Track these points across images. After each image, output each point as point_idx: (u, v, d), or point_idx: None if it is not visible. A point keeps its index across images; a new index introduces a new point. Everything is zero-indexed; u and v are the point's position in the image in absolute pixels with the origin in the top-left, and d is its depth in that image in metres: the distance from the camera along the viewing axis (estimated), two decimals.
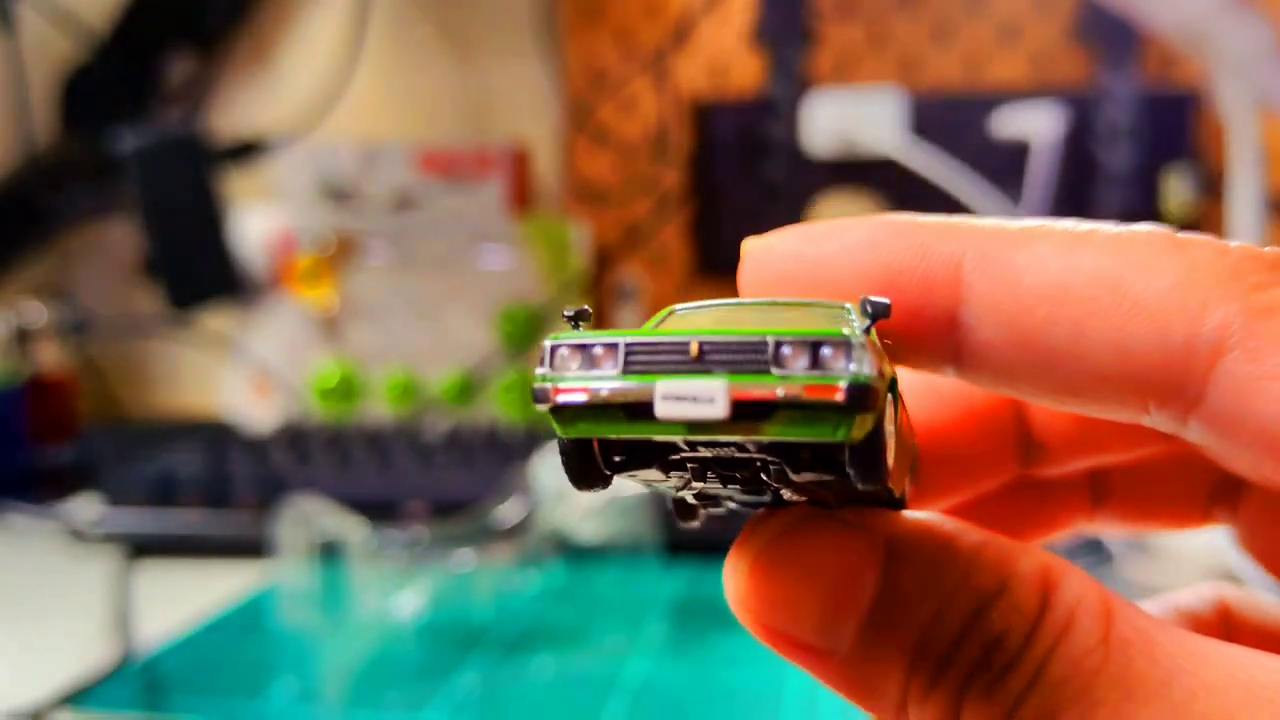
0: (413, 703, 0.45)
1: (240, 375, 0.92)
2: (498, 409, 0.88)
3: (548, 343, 0.16)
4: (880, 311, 0.16)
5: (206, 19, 0.98)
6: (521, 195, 0.91)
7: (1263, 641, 0.20)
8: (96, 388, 1.02)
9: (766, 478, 0.17)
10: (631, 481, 0.18)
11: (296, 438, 0.75)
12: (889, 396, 0.16)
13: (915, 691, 0.17)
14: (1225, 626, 0.22)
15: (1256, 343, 0.16)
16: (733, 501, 0.20)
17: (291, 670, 0.48)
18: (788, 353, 0.15)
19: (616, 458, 0.17)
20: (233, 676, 0.48)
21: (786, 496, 0.18)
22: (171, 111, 0.98)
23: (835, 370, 0.15)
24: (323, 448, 0.73)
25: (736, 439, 0.15)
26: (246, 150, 0.90)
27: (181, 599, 0.56)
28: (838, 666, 0.18)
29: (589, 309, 0.17)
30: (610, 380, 0.15)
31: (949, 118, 0.86)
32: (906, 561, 0.17)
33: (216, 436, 0.77)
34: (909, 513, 0.18)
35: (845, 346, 0.15)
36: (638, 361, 0.16)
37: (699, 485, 0.18)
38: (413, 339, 0.90)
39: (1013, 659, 0.16)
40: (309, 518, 0.52)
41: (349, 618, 0.52)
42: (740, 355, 0.15)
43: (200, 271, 0.81)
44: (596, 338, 0.16)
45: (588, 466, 0.17)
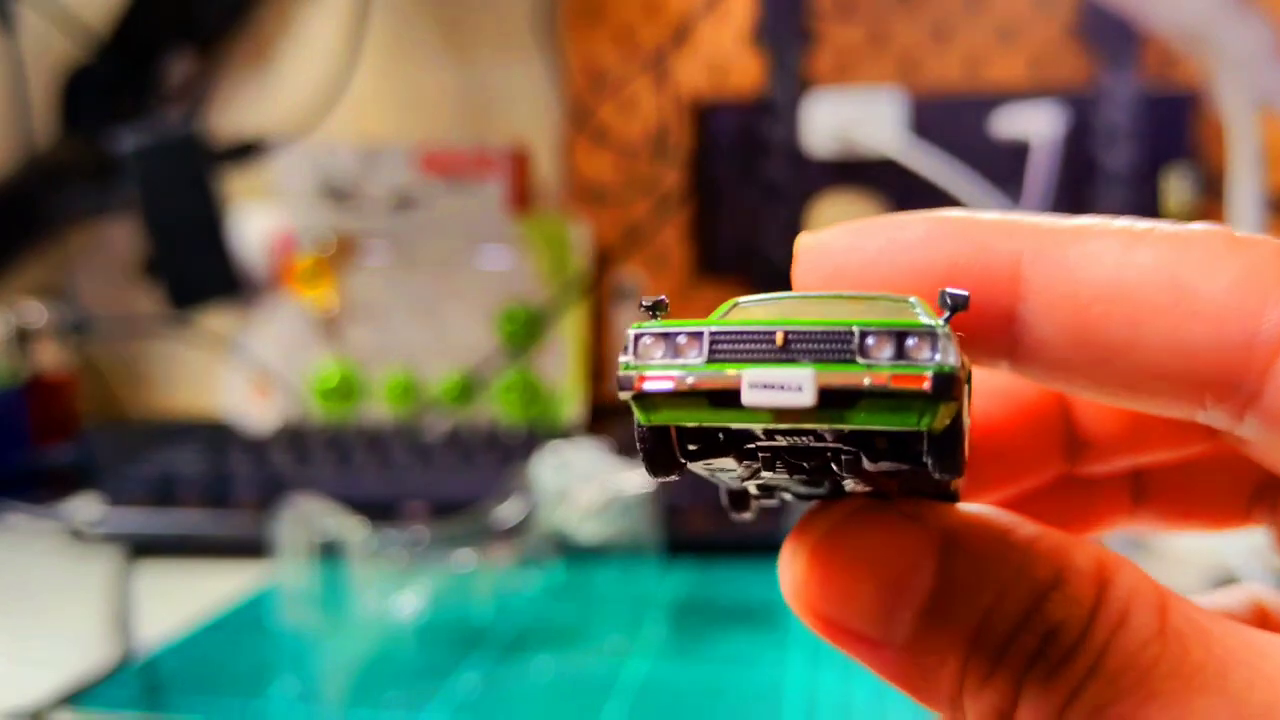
0: (413, 703, 0.45)
1: (240, 375, 0.92)
2: (498, 409, 0.88)
3: (631, 331, 0.16)
4: (960, 304, 0.16)
5: (206, 19, 0.98)
6: (521, 195, 0.91)
7: None
8: (96, 388, 1.02)
9: (836, 468, 0.17)
10: (700, 470, 0.18)
11: (296, 438, 0.75)
12: (966, 388, 0.16)
13: (971, 682, 0.17)
14: (1263, 627, 0.22)
15: None
16: (790, 493, 0.20)
17: (291, 670, 0.48)
18: (873, 342, 0.15)
19: (691, 446, 0.17)
20: (233, 676, 0.48)
21: (848, 487, 0.18)
22: (171, 111, 0.98)
23: (921, 360, 0.15)
24: (323, 448, 0.73)
25: (821, 427, 0.16)
26: (246, 150, 0.90)
27: (181, 599, 0.56)
28: (893, 657, 0.18)
29: (666, 299, 0.17)
30: (696, 369, 0.16)
31: (949, 118, 0.86)
32: (963, 553, 0.17)
33: (216, 436, 0.77)
34: (963, 505, 0.18)
35: (931, 337, 0.15)
36: (723, 350, 0.16)
37: (766, 475, 0.18)
38: (413, 339, 0.90)
39: (1070, 650, 0.16)
40: (309, 518, 0.52)
41: (349, 618, 0.52)
42: (826, 344, 0.15)
43: (200, 271, 0.81)
44: (680, 326, 0.16)
45: (664, 455, 0.17)
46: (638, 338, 0.16)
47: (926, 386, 0.15)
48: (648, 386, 0.16)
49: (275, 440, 0.75)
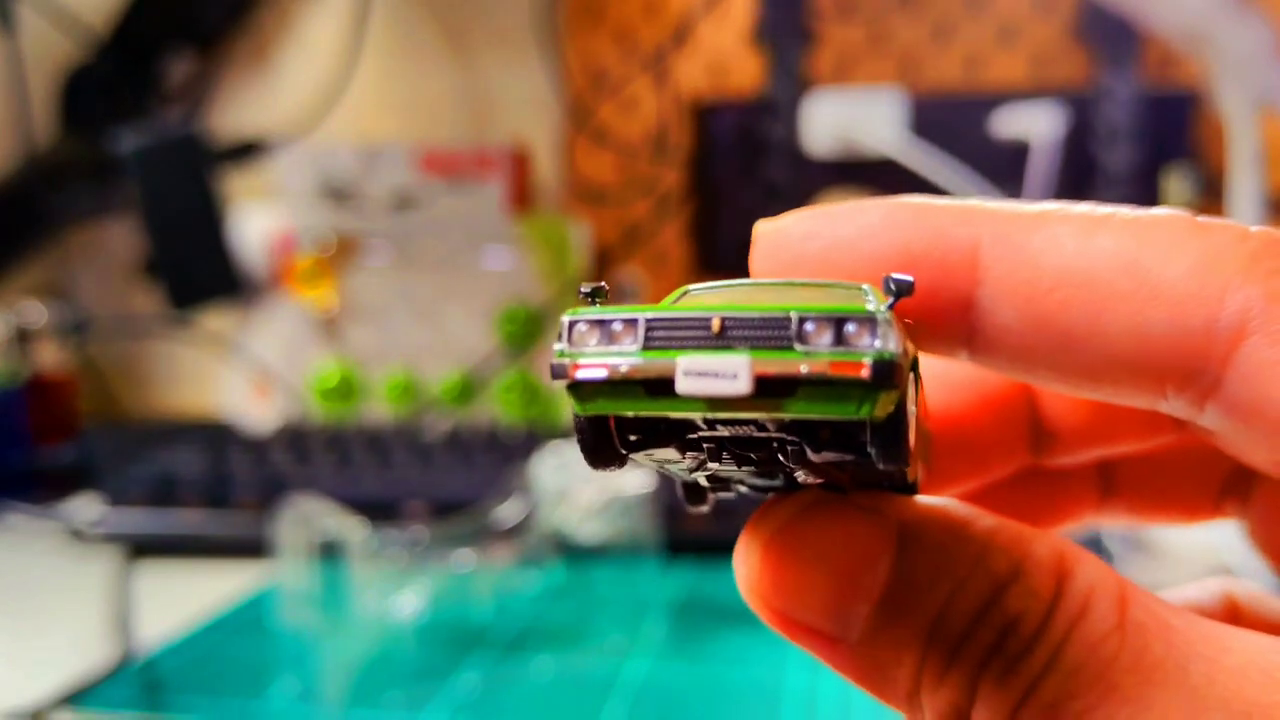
0: (413, 703, 0.45)
1: (240, 375, 0.92)
2: (498, 409, 0.88)
3: (566, 318, 0.16)
4: (904, 289, 0.16)
5: (206, 19, 0.98)
6: (521, 195, 0.91)
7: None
8: (96, 388, 1.02)
9: (783, 458, 0.17)
10: (645, 462, 0.18)
11: (296, 438, 0.75)
12: (911, 376, 0.16)
13: (928, 678, 0.17)
14: (1233, 621, 0.22)
15: (1278, 327, 0.16)
16: (745, 485, 0.19)
17: (291, 670, 0.48)
18: (811, 329, 0.15)
19: (632, 437, 0.17)
20: (233, 676, 0.48)
21: (800, 479, 0.18)
22: (171, 111, 0.98)
23: (860, 347, 0.15)
24: (323, 448, 0.73)
25: (757, 416, 0.15)
26: (246, 150, 0.90)
27: (181, 599, 0.56)
28: (849, 653, 0.17)
29: (606, 286, 0.17)
30: (630, 356, 0.15)
31: (949, 118, 0.86)
32: (920, 546, 0.17)
33: (216, 436, 0.77)
34: (921, 498, 0.18)
35: (870, 323, 0.15)
36: (658, 337, 0.15)
37: (713, 466, 0.18)
38: (413, 339, 0.90)
39: (1028, 644, 0.16)
40: (309, 518, 0.52)
41: (349, 618, 0.52)
42: (763, 331, 0.15)
43: (200, 271, 0.81)
44: (616, 313, 0.16)
45: (604, 445, 0.17)
46: (572, 325, 0.16)
47: (865, 374, 0.14)
48: (581, 375, 0.15)
49: (275, 440, 0.75)
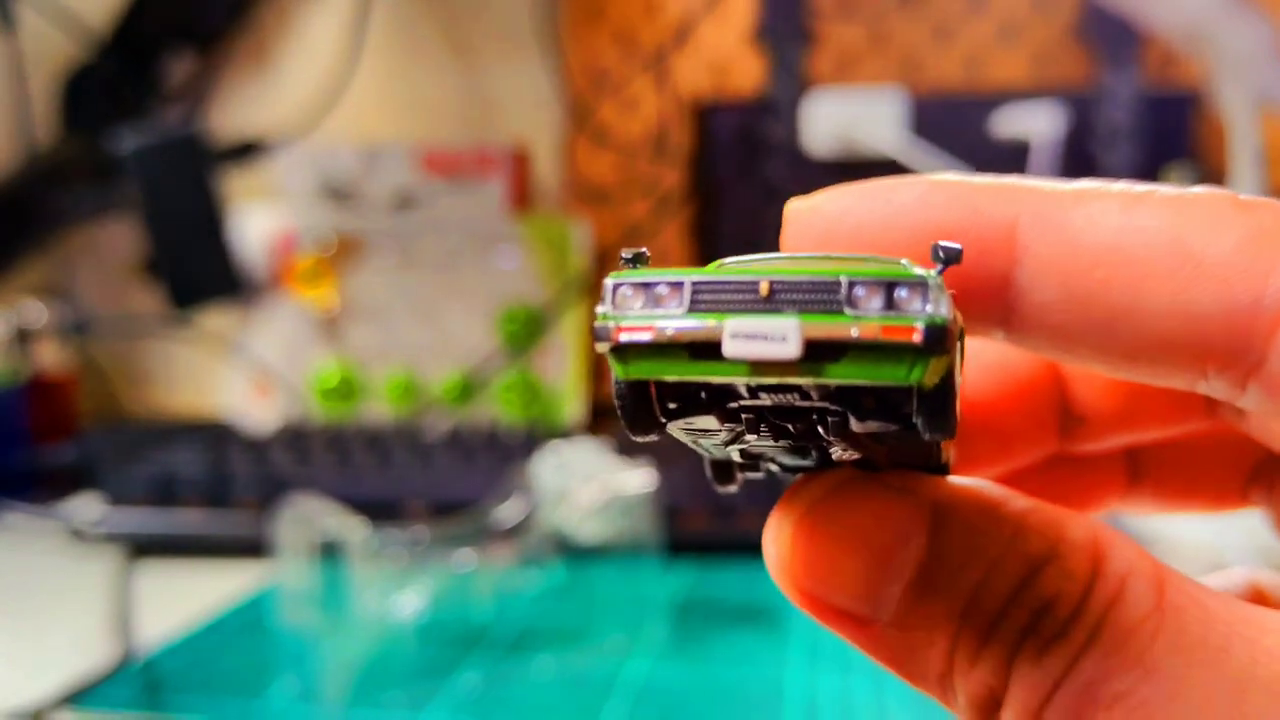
0: (413, 703, 0.45)
1: (240, 375, 0.92)
2: (498, 409, 0.88)
3: (610, 280, 0.16)
4: (953, 257, 0.16)
5: (206, 19, 0.98)
6: (521, 195, 0.91)
7: None
8: (96, 388, 1.02)
9: (823, 430, 0.16)
10: (680, 434, 0.17)
11: (296, 438, 0.75)
12: (959, 345, 0.16)
13: (961, 660, 0.16)
14: None
15: None
16: (776, 464, 0.19)
17: (291, 670, 0.48)
18: (862, 293, 0.14)
19: (672, 405, 0.16)
20: (233, 676, 0.48)
21: (835, 455, 0.18)
22: (171, 111, 0.98)
23: (911, 311, 0.14)
24: (323, 448, 0.73)
25: (804, 382, 0.15)
26: (246, 150, 0.90)
27: (181, 599, 0.56)
28: (880, 635, 0.17)
29: (647, 252, 0.17)
30: (676, 318, 0.15)
31: (949, 118, 0.86)
32: (953, 526, 0.17)
33: (216, 436, 0.77)
34: (954, 478, 0.18)
35: (922, 287, 0.14)
36: (705, 300, 0.15)
37: (750, 439, 0.17)
38: (413, 339, 0.90)
39: (1064, 625, 0.16)
40: (309, 518, 0.52)
41: (349, 618, 0.52)
42: (813, 295, 0.15)
43: (200, 271, 0.81)
44: (661, 275, 0.15)
45: (644, 412, 0.16)
46: (616, 287, 0.16)
47: (917, 338, 0.14)
48: (624, 338, 0.15)
49: (275, 440, 0.75)
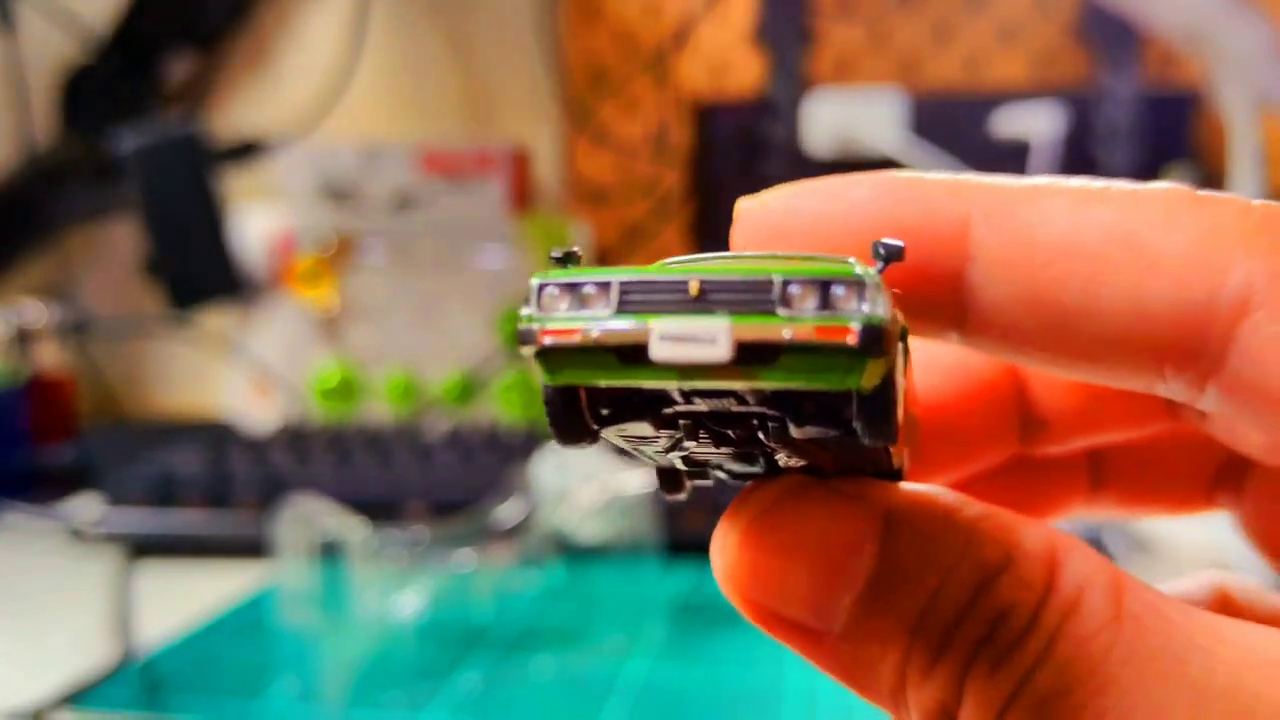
0: (413, 703, 0.45)
1: (240, 375, 0.92)
2: (498, 409, 0.88)
3: (534, 281, 0.15)
4: (893, 254, 0.15)
5: (206, 19, 0.98)
6: (521, 195, 0.91)
7: None
8: (96, 388, 1.02)
9: (764, 436, 0.16)
10: (617, 440, 0.17)
11: (296, 438, 0.75)
12: (900, 346, 0.15)
13: (914, 672, 0.16)
14: (1225, 615, 0.22)
15: None
16: (722, 470, 0.18)
17: (291, 670, 0.48)
18: (796, 292, 0.14)
19: (604, 410, 0.16)
20: (233, 676, 0.48)
21: (781, 462, 0.17)
22: (171, 111, 0.98)
23: (847, 311, 0.14)
24: (323, 448, 0.73)
25: (737, 386, 0.14)
26: (246, 150, 0.90)
27: (181, 599, 0.56)
28: (831, 647, 0.16)
29: (578, 251, 0.16)
30: (602, 320, 0.14)
31: (949, 118, 0.86)
32: (905, 534, 0.16)
33: (216, 436, 0.77)
34: (907, 484, 0.17)
35: (858, 286, 0.14)
36: (633, 301, 0.14)
37: (690, 446, 0.16)
38: (413, 339, 0.90)
39: (1019, 636, 0.15)
40: (309, 518, 0.52)
41: (349, 618, 0.52)
42: (744, 294, 0.14)
43: (201, 271, 0.81)
44: (588, 276, 0.15)
45: (573, 419, 0.16)
46: (541, 288, 0.15)
47: (853, 340, 0.13)
48: (549, 341, 0.14)
49: (275, 440, 0.75)
